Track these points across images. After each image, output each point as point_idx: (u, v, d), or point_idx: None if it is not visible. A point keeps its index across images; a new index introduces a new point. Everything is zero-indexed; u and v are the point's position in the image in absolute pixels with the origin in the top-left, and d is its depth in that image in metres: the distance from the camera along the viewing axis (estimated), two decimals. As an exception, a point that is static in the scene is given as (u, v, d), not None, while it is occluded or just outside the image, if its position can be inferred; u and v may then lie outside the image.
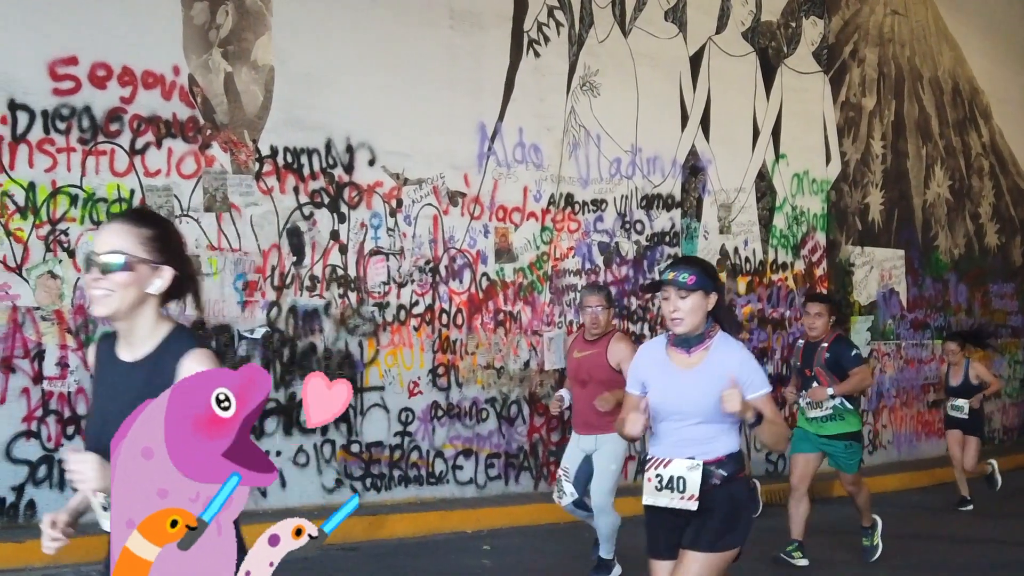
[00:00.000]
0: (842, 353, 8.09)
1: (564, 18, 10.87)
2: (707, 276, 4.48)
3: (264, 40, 9.03)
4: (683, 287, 4.40)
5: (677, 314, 4.42)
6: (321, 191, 9.26)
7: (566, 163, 10.84)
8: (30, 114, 7.94)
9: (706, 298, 4.44)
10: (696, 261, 4.66)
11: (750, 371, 4.46)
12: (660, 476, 4.39)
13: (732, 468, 4.42)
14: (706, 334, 4.47)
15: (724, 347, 4.48)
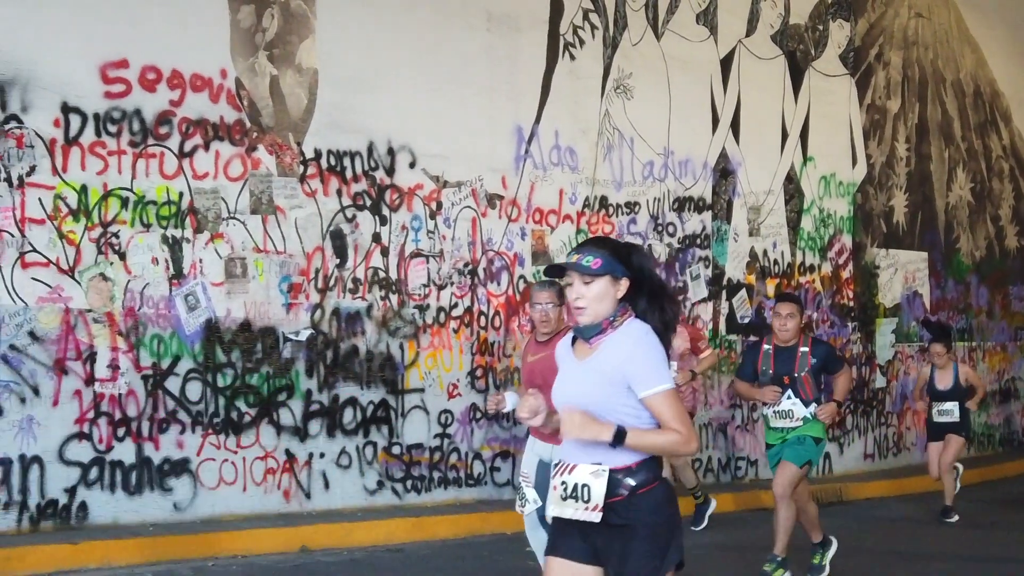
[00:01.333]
0: (828, 356, 7.64)
1: (599, 21, 10.92)
2: (616, 259, 3.89)
3: (308, 43, 9.06)
4: (587, 272, 3.84)
5: (580, 302, 3.85)
6: (363, 194, 9.30)
7: (600, 166, 10.89)
8: (82, 117, 7.97)
9: (615, 284, 3.87)
10: (605, 242, 4.00)
11: (638, 364, 3.78)
12: (565, 484, 3.85)
13: (644, 477, 3.81)
14: (607, 322, 3.87)
15: (621, 337, 3.85)
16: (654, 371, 3.77)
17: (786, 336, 7.58)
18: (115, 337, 8.01)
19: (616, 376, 3.78)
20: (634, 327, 3.84)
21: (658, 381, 3.77)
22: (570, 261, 3.89)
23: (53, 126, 7.84)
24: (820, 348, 7.67)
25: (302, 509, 8.84)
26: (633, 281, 3.90)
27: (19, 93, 7.71)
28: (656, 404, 3.76)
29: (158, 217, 8.25)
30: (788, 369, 7.51)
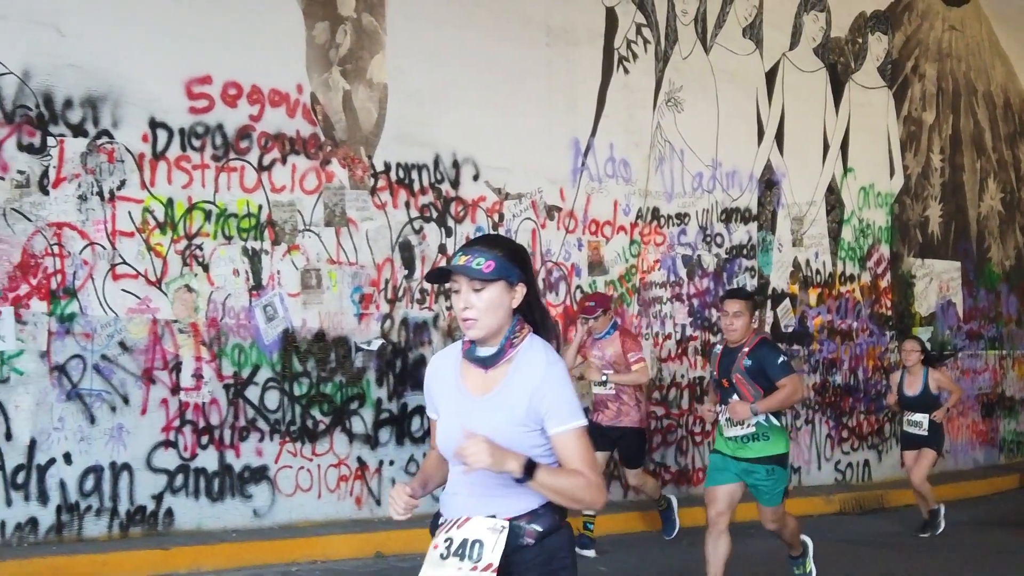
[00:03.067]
0: (766, 359, 6.82)
1: (651, 35, 11.12)
2: (511, 261, 3.30)
3: (379, 59, 9.25)
4: (477, 276, 3.26)
5: (469, 313, 3.27)
6: (430, 205, 9.49)
7: (652, 177, 11.09)
8: (168, 132, 8.15)
9: (510, 291, 3.30)
10: (498, 241, 3.39)
11: (554, 396, 3.25)
12: (450, 540, 3.24)
13: (549, 520, 3.31)
14: (508, 343, 3.31)
15: (529, 357, 3.31)
16: (569, 404, 3.26)
17: (733, 336, 6.93)
18: (199, 347, 8.19)
19: (529, 414, 3.25)
20: (538, 348, 3.33)
21: (572, 417, 3.25)
22: (457, 263, 3.29)
23: (142, 141, 8.02)
24: (760, 350, 6.87)
25: (373, 515, 9.03)
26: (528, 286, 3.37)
27: (110, 109, 7.88)
28: (567, 442, 3.23)
29: (239, 229, 8.43)
30: (728, 371, 6.94)
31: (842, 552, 9.12)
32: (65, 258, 7.66)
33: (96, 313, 7.76)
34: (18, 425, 7.45)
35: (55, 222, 7.63)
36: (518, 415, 3.25)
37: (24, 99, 7.56)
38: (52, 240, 7.62)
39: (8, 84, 7.50)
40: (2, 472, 7.38)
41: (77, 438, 7.65)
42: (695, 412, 11.16)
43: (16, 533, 7.42)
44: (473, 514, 3.27)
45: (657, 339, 10.92)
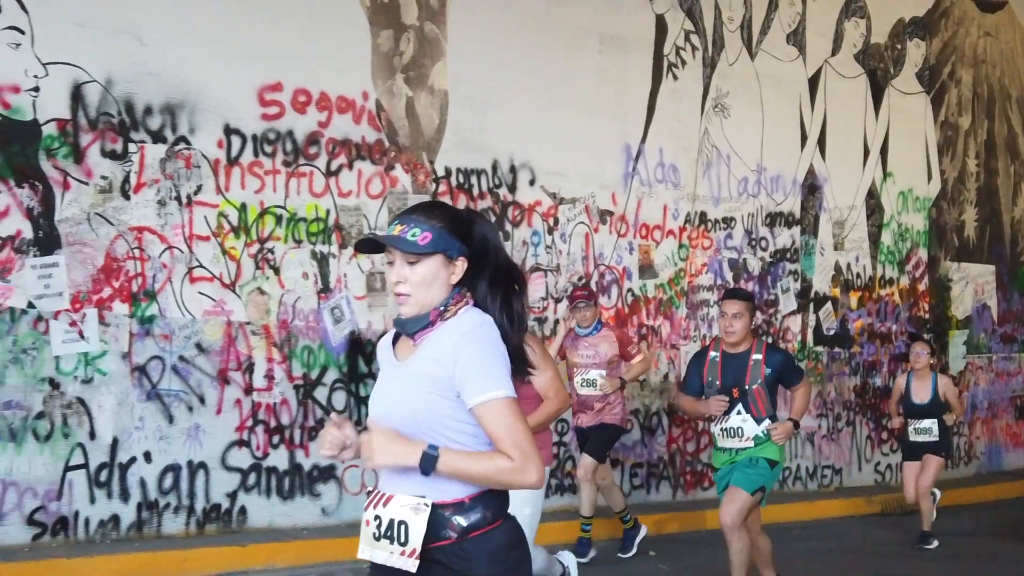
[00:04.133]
0: (787, 367, 6.58)
1: (698, 42, 11.29)
2: (452, 233, 3.03)
3: (440, 66, 9.42)
4: (411, 249, 2.98)
5: (402, 288, 3.01)
6: (489, 210, 9.66)
7: (700, 182, 11.26)
8: (242, 138, 8.34)
9: (449, 265, 3.03)
10: (438, 209, 3.11)
11: (467, 363, 2.93)
12: (379, 519, 3.01)
13: (480, 516, 2.98)
14: (436, 312, 3.02)
15: (450, 329, 3.00)
16: (488, 372, 2.92)
17: (733, 339, 6.51)
18: (271, 348, 8.37)
19: (441, 380, 2.96)
20: (469, 316, 3.03)
21: (492, 386, 2.92)
22: (390, 234, 3.02)
23: (217, 147, 8.21)
24: (776, 356, 6.59)
25: (434, 514, 9.19)
26: (473, 258, 3.07)
27: (187, 116, 8.07)
28: (487, 417, 2.92)
29: (308, 233, 8.62)
30: (737, 380, 6.47)
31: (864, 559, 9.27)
32: (145, 261, 7.85)
33: (174, 315, 7.95)
34: (101, 424, 7.64)
35: (136, 226, 7.83)
36: (433, 380, 2.95)
37: (107, 106, 7.74)
38: (133, 244, 7.81)
39: (92, 92, 7.68)
40: (87, 470, 7.57)
41: (156, 437, 7.84)
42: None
43: (100, 529, 7.61)
44: (401, 490, 2.97)
45: (704, 341, 11.07)
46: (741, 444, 6.47)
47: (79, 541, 7.51)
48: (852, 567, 8.78)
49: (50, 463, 7.44)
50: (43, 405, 7.42)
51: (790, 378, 6.64)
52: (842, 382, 12.38)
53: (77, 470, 7.54)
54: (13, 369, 7.33)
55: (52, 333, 7.44)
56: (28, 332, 7.40)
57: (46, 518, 7.42)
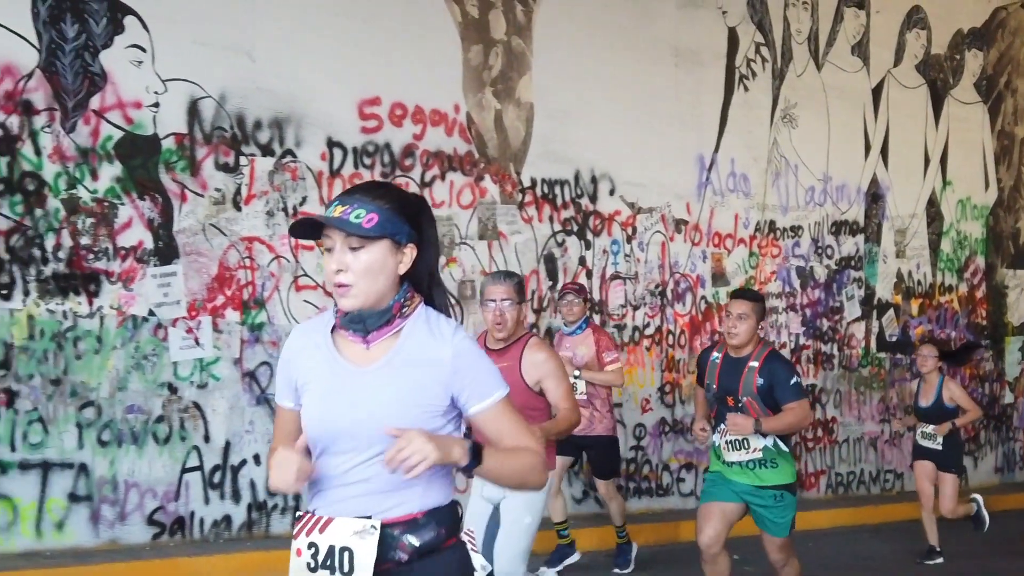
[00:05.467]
0: (777, 377, 5.92)
1: (768, 54, 11.52)
2: (400, 216, 2.69)
3: (526, 79, 9.69)
4: (354, 231, 2.63)
5: (343, 277, 2.66)
6: (571, 219, 9.92)
7: (769, 191, 11.49)
8: (343, 151, 8.62)
9: (397, 252, 2.69)
10: (385, 190, 2.74)
11: (470, 369, 2.71)
12: (315, 547, 2.66)
13: (434, 534, 2.68)
14: (396, 307, 2.70)
15: (425, 327, 2.72)
16: (487, 373, 2.73)
17: (736, 341, 6.02)
18: (370, 355, 8.63)
19: (432, 391, 2.67)
20: (436, 316, 2.77)
21: (496, 385, 2.73)
22: (331, 215, 2.65)
23: (320, 159, 8.48)
24: (772, 365, 5.99)
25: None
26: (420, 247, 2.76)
27: (294, 130, 8.35)
28: (496, 417, 2.72)
29: (403, 243, 8.86)
30: (732, 387, 6.02)
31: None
32: (255, 270, 8.14)
33: (281, 322, 8.23)
34: (215, 428, 7.93)
35: (246, 236, 8.11)
36: (414, 394, 2.65)
37: (220, 121, 8.03)
38: (244, 254, 8.09)
39: (207, 107, 7.97)
40: (202, 472, 7.85)
41: (265, 440, 8.11)
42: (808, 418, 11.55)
43: (213, 529, 7.90)
44: (341, 513, 2.66)
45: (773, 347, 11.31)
46: (749, 456, 5.93)
47: (195, 540, 7.80)
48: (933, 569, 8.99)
49: (168, 465, 7.72)
50: (162, 409, 7.71)
51: (780, 393, 5.89)
52: (904, 388, 12.58)
53: (193, 472, 7.82)
54: (135, 374, 7.62)
55: (170, 340, 7.73)
56: (148, 339, 7.68)
57: (165, 518, 7.71)
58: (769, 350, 6.09)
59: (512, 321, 5.36)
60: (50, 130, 7.35)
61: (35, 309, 7.28)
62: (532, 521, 5.33)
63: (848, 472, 12.04)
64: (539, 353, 5.36)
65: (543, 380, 5.33)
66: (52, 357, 7.33)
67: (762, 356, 5.99)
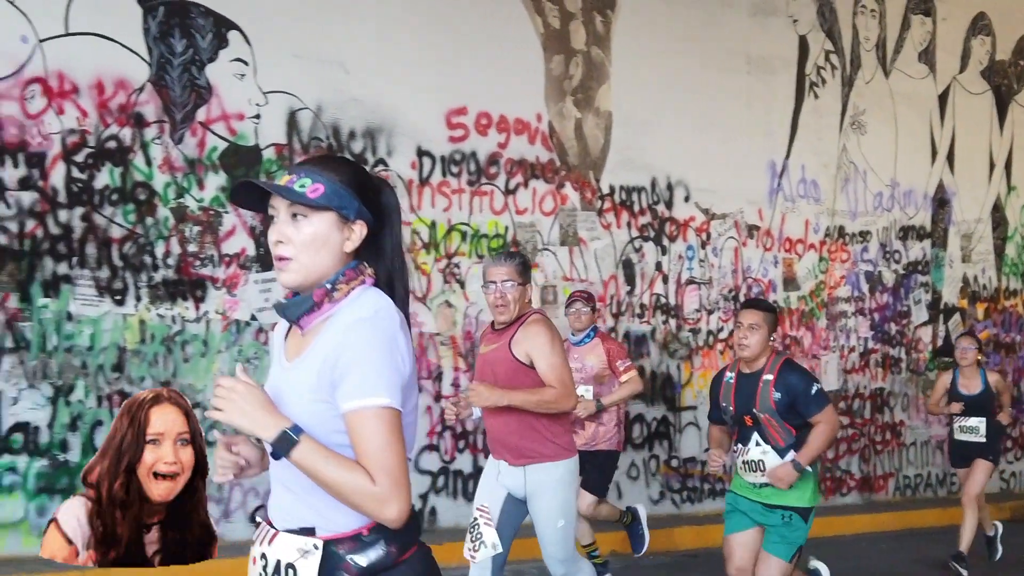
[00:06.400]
0: (795, 388, 5.55)
1: (837, 61, 11.67)
2: (349, 189, 2.50)
3: (605, 89, 9.89)
4: (298, 199, 2.45)
5: (283, 249, 2.47)
6: (648, 226, 10.11)
7: (839, 197, 11.64)
8: (432, 160, 8.85)
9: (344, 228, 2.50)
10: (335, 162, 2.56)
11: (348, 358, 2.39)
12: (266, 559, 2.50)
13: (382, 552, 2.47)
14: (323, 292, 2.48)
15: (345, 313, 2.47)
16: (368, 372, 2.38)
17: (747, 353, 5.67)
18: (456, 358, 8.88)
19: (328, 383, 2.42)
20: (368, 299, 2.48)
21: (370, 390, 2.38)
22: (276, 183, 2.49)
23: (410, 168, 8.73)
24: (789, 378, 5.60)
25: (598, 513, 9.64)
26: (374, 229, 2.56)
27: (385, 139, 8.60)
28: (357, 427, 2.38)
29: (489, 249, 9.11)
30: (749, 406, 5.65)
31: None
32: (350, 276, 8.37)
33: (374, 327, 8.46)
34: (312, 429, 8.16)
35: (341, 243, 8.34)
36: (313, 386, 2.43)
37: (317, 131, 8.29)
38: (339, 260, 8.33)
39: (305, 118, 8.23)
40: (300, 472, 8.09)
41: (359, 441, 8.35)
42: (877, 422, 11.71)
43: (311, 527, 8.14)
44: (286, 522, 2.48)
45: (843, 352, 11.47)
46: (766, 479, 5.62)
47: (293, 538, 8.04)
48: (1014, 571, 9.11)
49: (269, 465, 7.97)
50: (263, 411, 7.95)
51: (803, 406, 5.55)
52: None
53: (292, 471, 8.06)
54: (238, 377, 7.87)
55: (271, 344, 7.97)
56: (251, 343, 7.95)
57: (265, 516, 7.95)
58: (783, 360, 5.70)
59: (514, 302, 5.13)
60: (160, 141, 7.63)
61: (146, 314, 7.56)
62: (567, 523, 5.24)
63: (916, 475, 12.15)
64: (531, 328, 5.14)
65: (532, 355, 5.09)
66: (162, 360, 7.61)
67: (776, 368, 5.61)
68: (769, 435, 5.60)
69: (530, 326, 5.15)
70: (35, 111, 7.24)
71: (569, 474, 5.25)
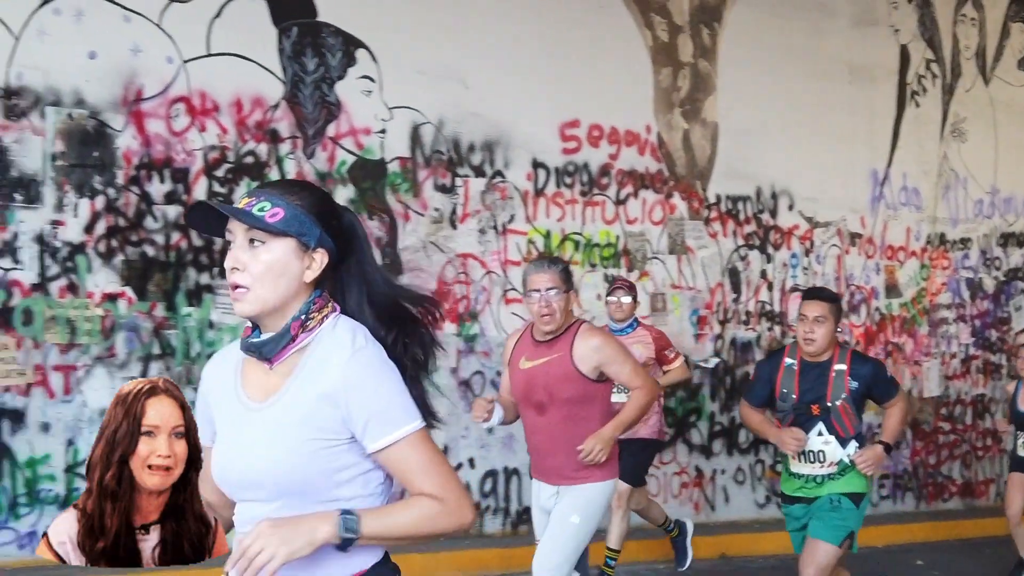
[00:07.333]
0: (875, 377, 5.51)
1: (938, 70, 11.73)
2: (311, 215, 2.37)
3: (711, 100, 10.07)
4: (255, 223, 2.32)
5: (239, 277, 2.33)
6: (753, 234, 10.27)
7: (939, 205, 11.70)
8: (546, 171, 9.10)
9: (304, 256, 2.36)
10: (297, 187, 2.44)
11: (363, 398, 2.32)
12: None
13: None
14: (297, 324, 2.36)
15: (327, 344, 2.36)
16: (392, 405, 2.33)
17: (813, 348, 5.47)
18: (571, 364, 9.10)
19: (330, 424, 2.31)
20: (343, 331, 2.37)
21: (398, 420, 2.33)
22: (234, 206, 2.35)
23: (526, 179, 8.99)
24: (864, 367, 5.53)
25: (708, 520, 9.84)
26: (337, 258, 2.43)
27: (503, 152, 8.86)
28: (399, 457, 2.33)
29: (601, 258, 9.33)
30: (818, 394, 5.46)
31: None
32: (469, 285, 8.66)
33: (492, 334, 8.74)
34: (434, 433, 8.40)
35: (461, 253, 8.64)
36: (312, 427, 2.30)
37: (439, 145, 8.58)
38: (459, 269, 8.62)
39: (427, 132, 8.53)
40: (423, 474, 8.37)
41: (478, 445, 8.63)
42: (978, 427, 11.76)
43: (434, 528, 8.41)
44: None
45: (944, 358, 11.53)
46: (823, 470, 5.45)
47: (417, 538, 8.31)
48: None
49: (395, 467, 8.26)
50: (390, 415, 8.25)
51: (881, 392, 5.56)
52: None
53: (416, 474, 8.34)
54: (367, 382, 8.18)
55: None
56: (377, 349, 8.24)
57: (392, 516, 8.24)
58: (851, 351, 5.64)
59: (561, 311, 4.96)
60: (293, 156, 7.97)
61: (281, 322, 7.88)
62: (580, 523, 4.92)
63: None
64: (593, 339, 4.99)
65: (604, 366, 4.94)
66: (296, 366, 7.92)
67: (846, 358, 5.52)
68: (839, 424, 5.44)
69: (589, 338, 5.00)
70: (179, 128, 7.61)
71: (602, 493, 5.01)
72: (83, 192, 7.29)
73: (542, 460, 5.10)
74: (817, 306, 5.47)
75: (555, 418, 4.96)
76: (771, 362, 5.73)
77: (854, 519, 5.42)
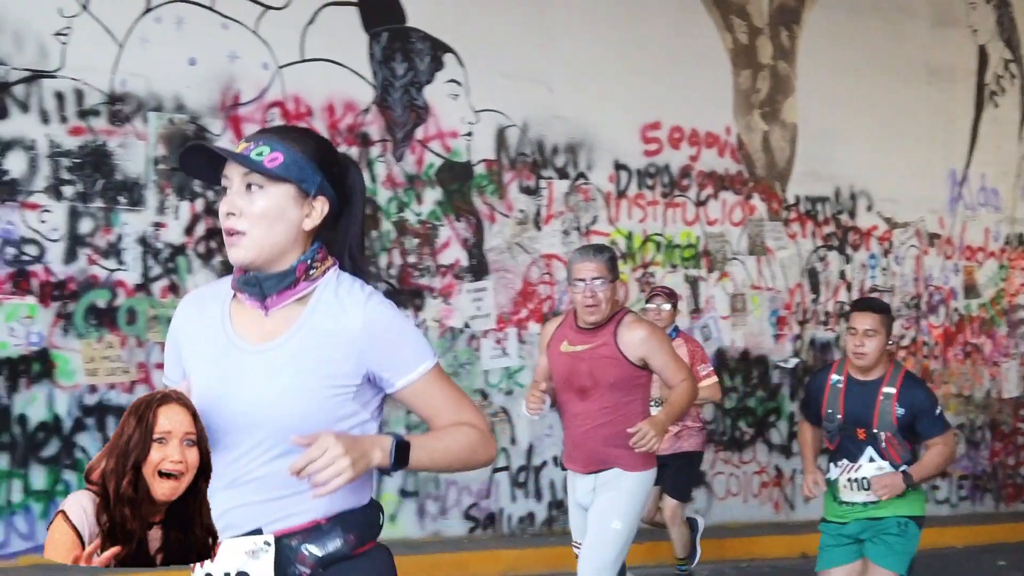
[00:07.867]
0: (922, 407, 5.04)
1: (1016, 70, 11.67)
2: (312, 163, 2.29)
3: (791, 101, 10.11)
4: (256, 168, 2.25)
5: (235, 222, 2.26)
6: (831, 235, 10.30)
7: (1018, 205, 11.64)
8: (628, 173, 9.20)
9: (304, 203, 2.28)
10: (297, 132, 2.39)
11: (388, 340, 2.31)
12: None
13: (340, 541, 2.28)
14: (302, 268, 2.30)
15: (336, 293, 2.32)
16: (411, 342, 2.33)
17: (864, 362, 5.05)
18: (652, 364, 9.18)
19: (341, 365, 2.27)
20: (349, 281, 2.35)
21: (422, 355, 2.33)
22: (233, 150, 2.29)
23: (608, 181, 9.09)
24: (914, 393, 5.06)
25: (787, 519, 9.88)
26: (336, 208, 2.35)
27: (586, 154, 8.98)
28: (426, 392, 2.34)
29: (681, 259, 9.41)
30: (864, 418, 5.06)
31: None
32: (553, 285, 8.78)
33: (575, 334, 8.83)
34: (520, 432, 8.59)
35: (546, 254, 8.77)
36: (320, 374, 2.25)
37: (523, 147, 8.71)
38: (543, 270, 8.74)
39: (512, 135, 8.66)
40: (509, 472, 8.52)
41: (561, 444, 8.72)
42: (1058, 430, 11.66)
43: (519, 525, 8.55)
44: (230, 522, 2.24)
45: (1023, 359, 11.46)
46: (871, 497, 5.03)
47: (503, 534, 8.46)
48: None
49: (481, 465, 8.40)
50: (476, 414, 8.39)
51: (925, 427, 5.06)
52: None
53: (501, 472, 8.49)
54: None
55: (482, 350, 8.42)
56: (464, 349, 8.40)
57: (478, 513, 8.39)
58: (904, 372, 5.15)
59: (606, 302, 4.81)
60: (383, 159, 8.13)
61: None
62: (622, 528, 4.76)
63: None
64: (638, 330, 4.85)
65: (648, 358, 4.82)
66: (386, 365, 8.07)
67: (897, 380, 5.04)
68: (887, 452, 5.02)
69: (634, 331, 4.85)
70: (275, 133, 7.79)
71: (641, 487, 4.87)
72: (183, 195, 7.50)
73: (579, 446, 4.99)
74: (868, 318, 5.04)
75: (598, 404, 4.86)
76: (817, 379, 5.36)
77: (916, 544, 5.07)
